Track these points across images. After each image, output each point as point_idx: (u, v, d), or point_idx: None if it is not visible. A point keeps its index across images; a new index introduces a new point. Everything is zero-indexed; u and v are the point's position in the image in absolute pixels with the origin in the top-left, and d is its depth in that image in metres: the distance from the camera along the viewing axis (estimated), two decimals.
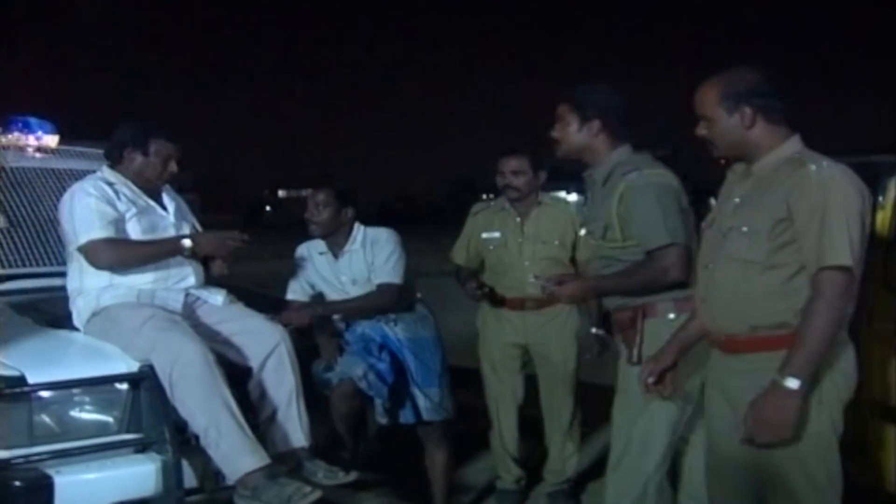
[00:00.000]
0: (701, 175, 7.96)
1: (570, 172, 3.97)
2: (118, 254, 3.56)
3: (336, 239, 4.13)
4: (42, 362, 3.30)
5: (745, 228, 2.67)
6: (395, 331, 4.06)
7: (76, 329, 3.62)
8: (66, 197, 3.66)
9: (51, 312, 3.79)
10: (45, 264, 4.20)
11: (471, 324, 4.92)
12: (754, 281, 2.65)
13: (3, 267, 4.16)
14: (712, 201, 3.09)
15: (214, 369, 3.35)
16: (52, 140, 5.15)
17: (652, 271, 3.19)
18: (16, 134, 4.99)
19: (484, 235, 4.61)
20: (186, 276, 3.71)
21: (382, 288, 4.06)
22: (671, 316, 3.21)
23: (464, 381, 6.99)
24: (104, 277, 3.58)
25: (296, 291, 4.21)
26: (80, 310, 3.58)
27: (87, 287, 3.59)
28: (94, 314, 3.54)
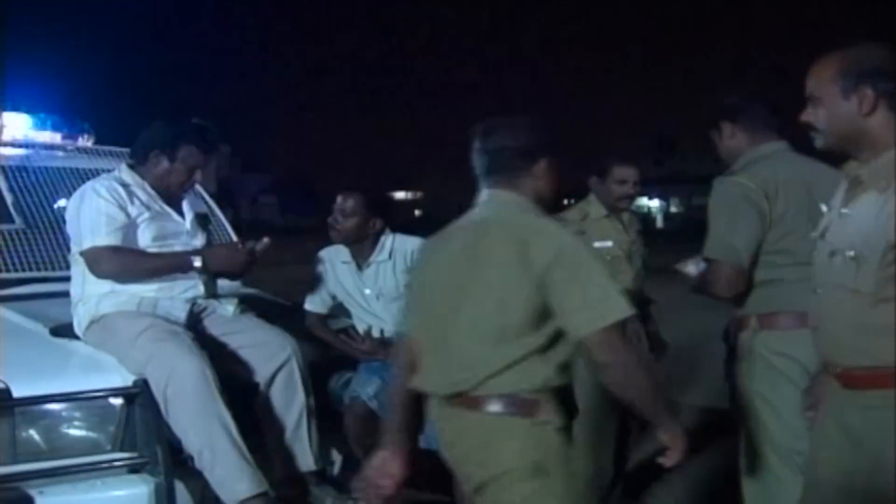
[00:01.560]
0: None
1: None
2: (121, 264, 3.33)
3: (361, 248, 3.85)
4: (31, 374, 3.10)
5: (851, 253, 2.22)
6: None
7: (78, 338, 3.41)
8: (76, 196, 3.45)
9: (59, 320, 3.60)
10: (61, 268, 4.01)
11: None
12: (866, 314, 2.21)
13: (17, 270, 3.99)
14: (823, 207, 2.64)
15: (212, 385, 3.10)
16: (86, 140, 5.02)
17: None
18: (48, 132, 4.85)
19: (597, 245, 4.20)
20: (194, 285, 3.47)
21: None
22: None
23: None
24: (106, 284, 3.36)
25: (315, 303, 3.94)
26: (80, 317, 3.38)
27: (88, 293, 3.38)
28: (93, 322, 3.33)
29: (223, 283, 3.85)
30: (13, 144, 4.53)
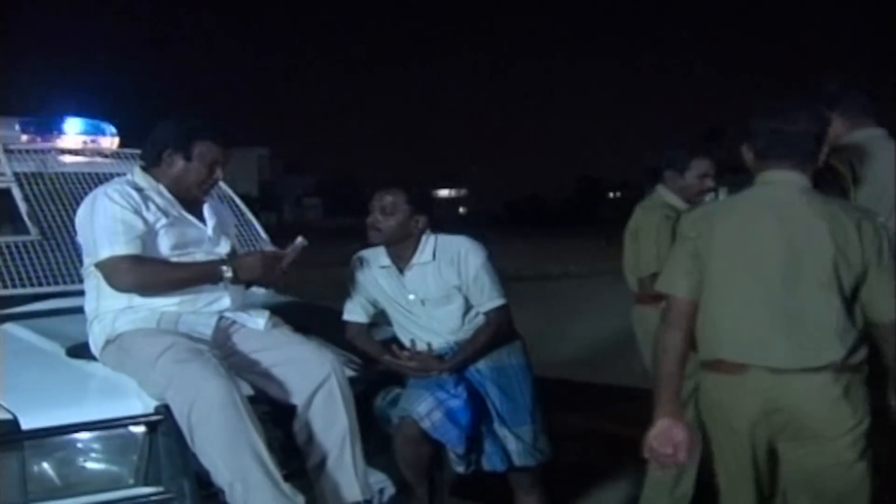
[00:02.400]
0: None
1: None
2: (142, 276, 2.99)
3: (401, 250, 3.47)
4: (42, 402, 2.78)
5: None
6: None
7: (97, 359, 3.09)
8: (86, 203, 3.12)
9: (77, 339, 3.28)
10: (80, 282, 3.69)
11: (602, 331, 4.24)
12: None
13: (33, 285, 3.68)
14: None
15: (242, 410, 2.76)
16: (109, 142, 4.71)
17: None
18: (70, 135, 4.54)
19: None
20: (220, 297, 3.13)
21: (492, 316, 3.41)
22: None
23: (586, 401, 6.27)
24: (123, 299, 3.03)
25: (355, 312, 3.57)
26: (95, 336, 3.05)
27: (104, 309, 3.05)
28: (109, 341, 3.01)
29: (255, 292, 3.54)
30: (30, 150, 4.21)
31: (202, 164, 3.15)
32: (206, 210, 3.26)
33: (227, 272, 3.04)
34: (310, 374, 3.04)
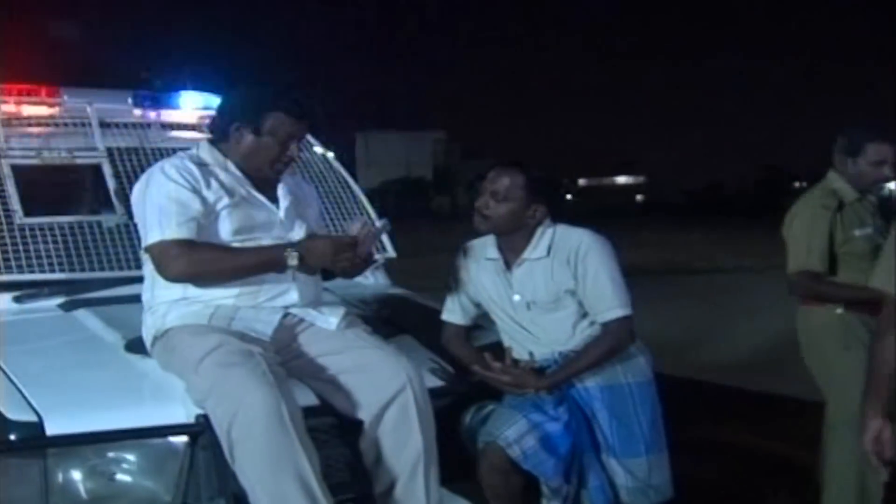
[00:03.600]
0: None
1: None
2: (195, 263, 2.63)
3: (512, 241, 2.98)
4: (77, 403, 2.49)
5: None
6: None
7: None
8: (142, 180, 2.78)
9: None
10: None
11: (771, 332, 3.70)
12: None
13: (116, 269, 3.42)
14: None
15: (289, 428, 2.35)
16: None
17: None
18: (186, 109, 4.30)
19: (857, 233, 3.44)
20: (286, 290, 2.74)
21: (611, 327, 2.87)
22: None
23: (740, 412, 5.61)
24: (177, 289, 2.68)
25: (454, 311, 3.11)
26: (147, 330, 2.73)
27: (158, 300, 2.72)
28: (156, 338, 2.68)
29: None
30: (130, 124, 3.98)
31: (274, 139, 2.76)
32: (282, 190, 2.86)
33: (292, 258, 2.63)
34: (382, 384, 2.61)
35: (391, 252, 4.19)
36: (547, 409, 2.77)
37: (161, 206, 2.64)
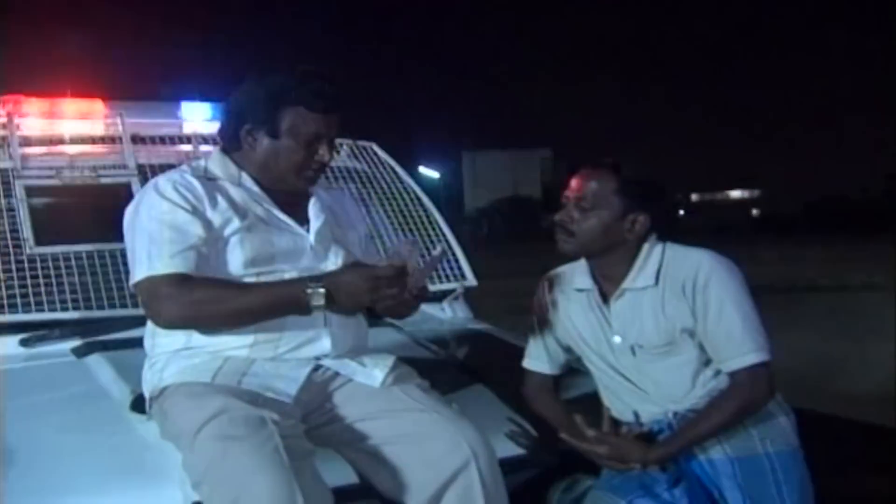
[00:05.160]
0: None
1: None
2: (189, 305, 2.04)
3: (608, 265, 2.32)
4: (48, 486, 1.94)
5: None
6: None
7: None
8: (134, 201, 2.24)
9: None
10: None
11: None
12: None
13: (137, 306, 2.86)
14: None
15: None
16: None
17: None
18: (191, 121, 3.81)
19: None
20: (315, 337, 2.15)
21: (741, 378, 2.17)
22: None
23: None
24: (179, 337, 2.12)
25: (537, 358, 2.47)
26: (146, 386, 2.17)
27: (159, 350, 2.17)
28: (153, 398, 2.12)
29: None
30: (160, 138, 3.50)
31: (296, 141, 2.18)
32: (314, 208, 2.28)
33: (317, 297, 2.01)
34: (438, 460, 1.99)
35: (471, 279, 3.59)
36: (659, 491, 2.10)
37: (151, 232, 2.08)
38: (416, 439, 2.03)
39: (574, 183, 2.31)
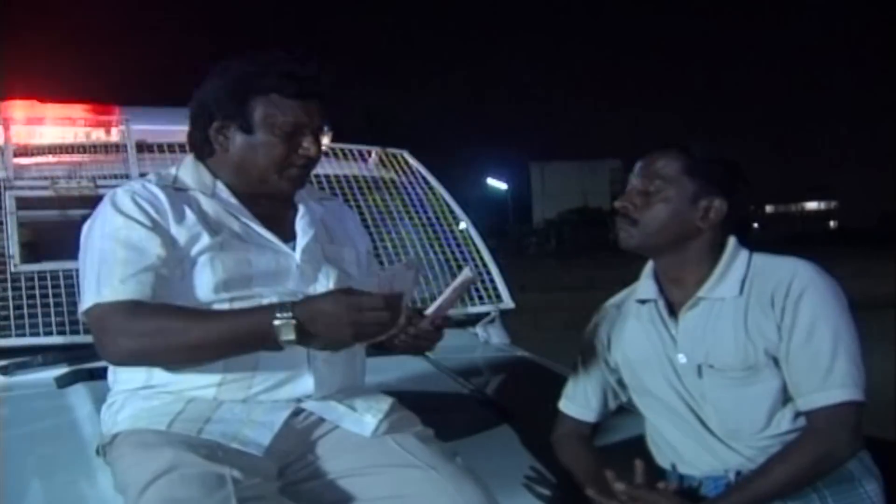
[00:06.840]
0: None
1: None
2: (139, 337, 1.72)
3: (680, 266, 1.95)
4: None
5: None
6: None
7: None
8: (91, 217, 1.94)
9: None
10: None
11: None
12: None
13: None
14: None
15: None
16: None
17: None
18: None
19: None
20: (295, 375, 1.83)
21: (820, 419, 1.79)
22: None
23: None
24: (139, 374, 1.82)
25: (575, 400, 2.14)
26: (102, 429, 1.88)
27: (118, 385, 1.88)
28: (104, 444, 1.83)
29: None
30: (167, 145, 3.23)
31: (272, 133, 1.87)
32: (302, 222, 1.96)
33: (286, 329, 1.66)
34: None
35: (507, 301, 3.24)
36: None
37: (103, 252, 1.78)
38: (407, 500, 1.70)
39: (638, 166, 1.97)
